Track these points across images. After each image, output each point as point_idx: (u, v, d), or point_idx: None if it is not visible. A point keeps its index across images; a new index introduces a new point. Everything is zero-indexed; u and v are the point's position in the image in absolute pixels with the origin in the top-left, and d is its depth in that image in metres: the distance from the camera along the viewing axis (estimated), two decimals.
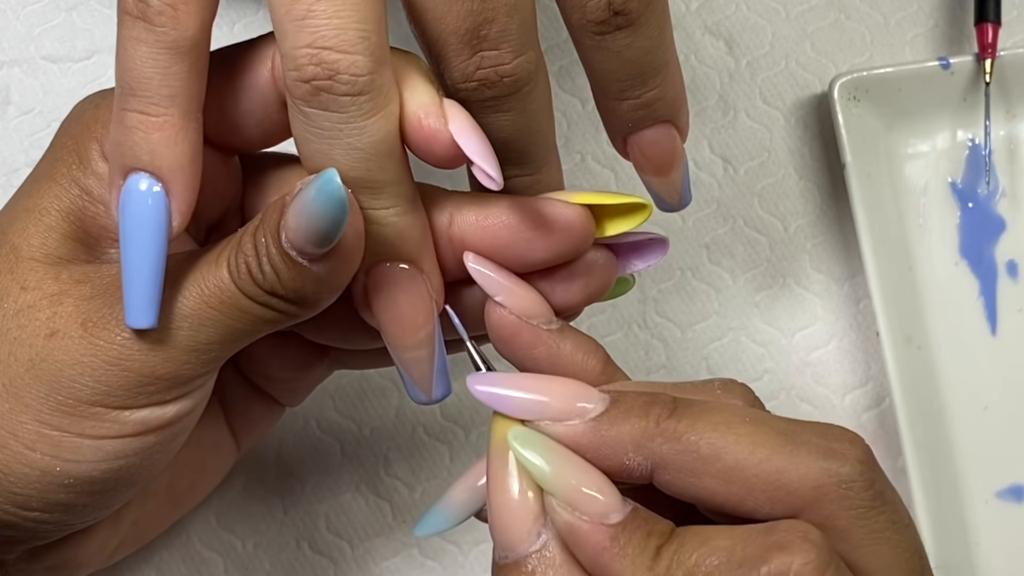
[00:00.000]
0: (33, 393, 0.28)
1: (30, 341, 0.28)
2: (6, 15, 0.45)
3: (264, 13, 0.45)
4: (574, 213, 0.29)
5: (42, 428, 0.28)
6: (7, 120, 0.44)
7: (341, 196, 0.26)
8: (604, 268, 0.31)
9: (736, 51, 0.45)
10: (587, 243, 0.30)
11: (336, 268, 0.27)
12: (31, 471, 0.28)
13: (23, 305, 0.28)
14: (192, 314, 0.28)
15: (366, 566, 0.41)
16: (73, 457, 0.28)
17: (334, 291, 0.28)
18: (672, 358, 0.43)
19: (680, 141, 0.32)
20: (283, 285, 0.27)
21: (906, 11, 0.46)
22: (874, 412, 0.42)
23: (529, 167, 0.31)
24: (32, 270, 0.29)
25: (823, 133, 0.45)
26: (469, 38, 0.28)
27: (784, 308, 0.43)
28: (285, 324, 0.28)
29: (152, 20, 0.27)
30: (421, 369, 0.30)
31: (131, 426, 0.28)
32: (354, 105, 0.26)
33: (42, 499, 0.28)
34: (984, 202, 0.44)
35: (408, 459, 0.42)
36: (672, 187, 0.33)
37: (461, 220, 0.30)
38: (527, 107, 0.29)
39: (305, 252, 0.26)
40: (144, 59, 0.27)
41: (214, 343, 0.28)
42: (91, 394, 0.28)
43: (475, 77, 0.29)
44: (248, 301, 0.27)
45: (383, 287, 0.29)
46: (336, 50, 0.26)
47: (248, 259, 0.27)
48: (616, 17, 0.29)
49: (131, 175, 0.27)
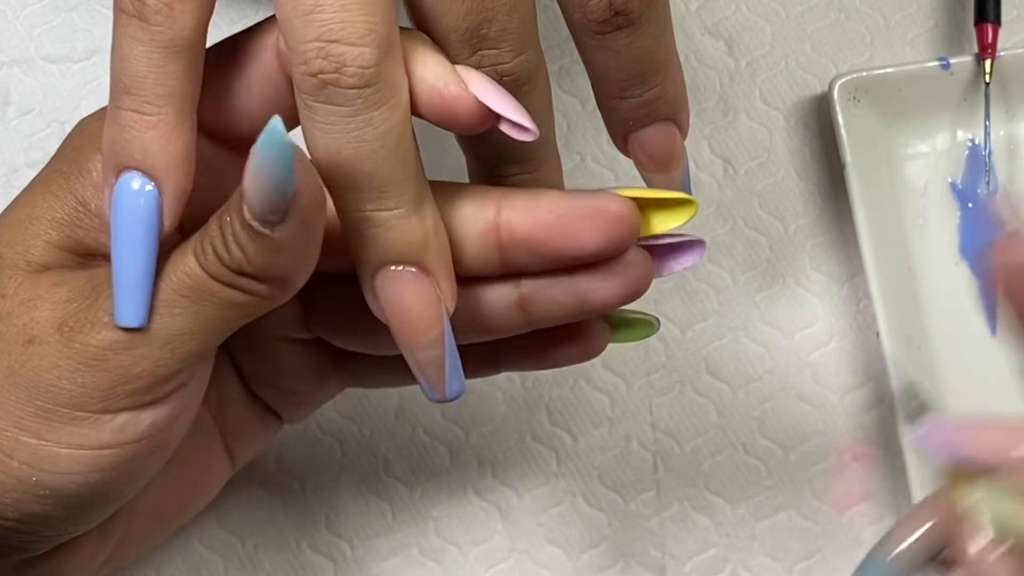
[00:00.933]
0: (12, 400, 0.28)
1: (8, 349, 0.28)
2: (6, 15, 0.45)
3: (264, 13, 0.45)
4: (623, 204, 0.29)
5: (20, 435, 0.28)
6: (7, 120, 0.44)
7: (283, 142, 0.25)
8: (642, 268, 0.31)
9: (736, 52, 0.45)
10: (633, 237, 0.30)
11: (297, 234, 0.27)
12: (7, 479, 0.28)
13: (2, 313, 0.28)
14: (162, 304, 0.27)
15: (366, 566, 0.41)
16: (49, 468, 0.28)
17: (300, 264, 0.28)
18: (672, 358, 0.43)
19: (681, 139, 0.32)
20: (249, 262, 0.27)
21: (906, 11, 0.46)
22: (874, 412, 0.42)
23: (529, 165, 0.31)
24: (11, 277, 0.29)
25: (823, 133, 0.45)
26: (469, 37, 0.28)
27: (784, 308, 0.43)
28: (260, 309, 0.28)
29: (148, 19, 0.26)
30: (433, 369, 0.30)
31: (108, 434, 0.28)
32: (360, 98, 0.26)
33: (17, 508, 0.28)
34: (984, 202, 0.44)
35: (408, 459, 0.42)
36: (673, 184, 0.33)
37: (509, 207, 0.30)
38: (527, 105, 0.29)
39: (265, 219, 0.26)
40: (139, 57, 0.27)
41: (187, 334, 0.28)
42: (69, 398, 0.28)
43: None
44: (217, 284, 0.27)
45: (390, 290, 0.29)
46: (343, 42, 0.26)
47: (214, 240, 0.27)
48: (617, 17, 0.29)
49: (124, 174, 0.27)
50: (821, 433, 0.42)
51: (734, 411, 0.42)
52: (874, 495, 0.42)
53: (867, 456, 0.42)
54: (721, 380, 0.43)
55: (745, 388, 0.43)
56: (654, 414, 0.42)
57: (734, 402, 0.42)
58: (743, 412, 0.42)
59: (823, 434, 0.42)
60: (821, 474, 0.42)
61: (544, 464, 0.42)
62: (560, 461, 0.42)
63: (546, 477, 0.42)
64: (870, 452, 0.42)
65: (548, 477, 0.42)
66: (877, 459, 0.42)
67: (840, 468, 0.42)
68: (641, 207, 0.30)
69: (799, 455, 0.42)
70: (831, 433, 0.42)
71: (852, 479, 0.42)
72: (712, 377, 0.43)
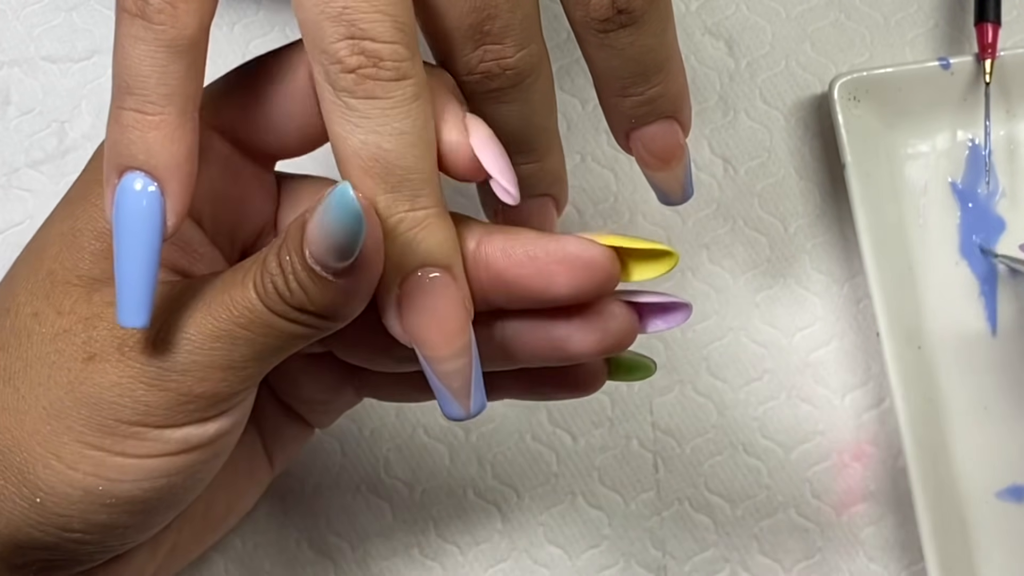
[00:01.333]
0: (74, 415, 0.28)
1: (68, 365, 0.28)
2: (6, 15, 0.45)
3: (264, 13, 0.45)
4: (599, 252, 0.29)
5: (84, 449, 0.28)
6: (7, 120, 0.44)
7: (356, 208, 0.25)
8: (622, 322, 0.30)
9: (736, 51, 0.45)
10: (611, 284, 0.30)
11: (361, 278, 0.27)
12: (73, 491, 0.28)
13: (59, 330, 0.28)
14: (224, 335, 0.27)
15: (366, 566, 0.41)
16: (116, 476, 0.28)
17: (362, 300, 0.28)
18: (672, 358, 0.43)
19: (683, 136, 0.32)
20: (311, 301, 0.27)
21: (906, 11, 0.46)
22: (874, 412, 0.42)
23: (533, 155, 0.32)
24: (67, 294, 0.29)
25: (823, 133, 0.45)
26: (472, 32, 0.29)
27: (784, 308, 0.43)
28: (317, 336, 0.28)
29: (151, 18, 0.26)
30: (460, 380, 0.29)
31: (173, 444, 0.28)
32: (399, 89, 0.27)
33: (83, 519, 0.28)
34: (984, 202, 0.44)
35: (408, 459, 0.42)
36: (675, 181, 0.33)
37: (489, 244, 0.29)
38: (530, 98, 0.30)
39: (329, 267, 0.26)
40: (142, 57, 0.27)
41: (248, 360, 0.28)
42: (131, 414, 0.28)
43: (478, 70, 0.29)
44: (278, 319, 0.27)
45: (419, 296, 0.28)
46: (377, 40, 0.26)
47: (275, 278, 0.27)
48: (620, 15, 0.29)
49: (126, 174, 0.27)
50: (821, 433, 0.42)
51: (734, 411, 0.42)
52: (874, 495, 0.42)
53: (867, 456, 0.42)
54: (721, 380, 0.43)
55: (745, 388, 0.43)
56: (654, 414, 0.42)
57: (734, 402, 0.42)
58: (743, 412, 0.42)
59: (823, 434, 0.42)
60: (821, 474, 0.42)
61: (544, 464, 0.42)
62: (560, 461, 0.42)
63: (546, 477, 0.42)
64: (870, 452, 0.42)
65: (548, 477, 0.42)
66: (877, 459, 0.42)
67: (840, 468, 0.42)
68: (621, 256, 0.30)
69: (799, 455, 0.42)
70: (831, 433, 0.42)
71: (852, 479, 0.42)
72: (712, 377, 0.43)
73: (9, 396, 0.28)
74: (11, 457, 0.28)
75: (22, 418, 0.28)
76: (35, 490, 0.28)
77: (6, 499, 0.28)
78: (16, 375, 0.29)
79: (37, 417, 0.28)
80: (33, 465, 0.28)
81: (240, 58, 0.45)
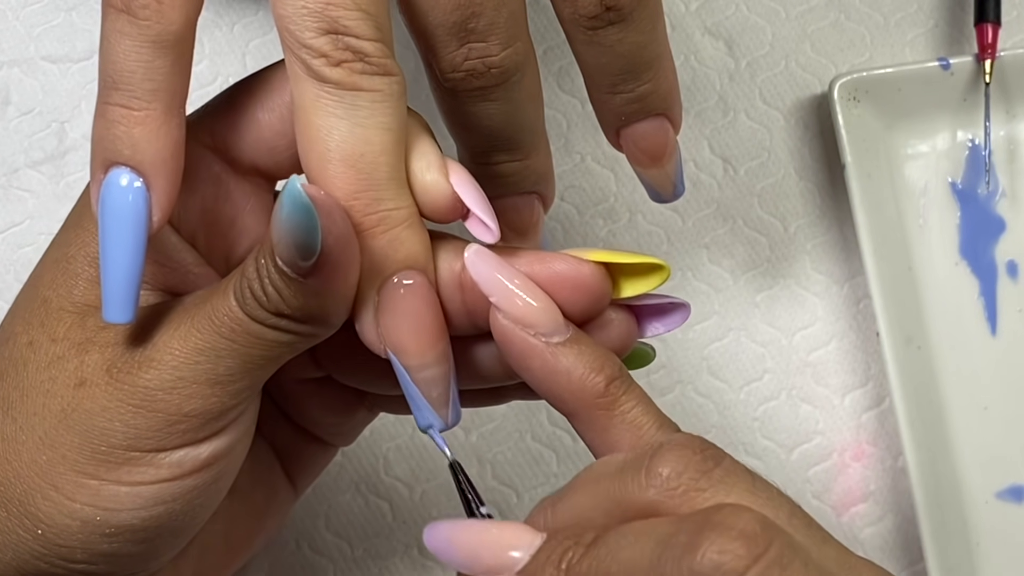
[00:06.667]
0: (68, 443, 0.28)
1: (60, 392, 0.28)
2: (6, 15, 0.45)
3: (264, 13, 0.45)
4: (588, 270, 0.29)
5: (80, 478, 0.28)
6: (7, 120, 0.44)
7: (304, 201, 0.25)
8: (620, 327, 0.30)
9: (736, 52, 0.45)
10: (602, 302, 0.29)
11: (330, 277, 0.26)
12: (72, 522, 0.28)
13: (53, 357, 0.28)
14: (207, 347, 0.27)
15: (366, 566, 0.41)
16: (112, 505, 0.28)
17: (340, 302, 0.27)
18: (672, 358, 0.43)
19: (673, 133, 0.32)
20: (287, 304, 0.26)
21: (906, 11, 0.46)
22: (874, 412, 0.42)
23: (518, 153, 0.31)
24: (60, 321, 0.29)
25: (823, 133, 0.45)
26: (457, 30, 0.29)
27: (784, 308, 0.43)
28: (304, 344, 0.28)
29: (136, 13, 0.26)
30: (440, 387, 0.28)
31: (167, 469, 0.28)
32: (387, 84, 0.27)
33: (86, 550, 0.28)
34: (984, 202, 0.44)
35: (408, 459, 0.42)
36: (665, 178, 0.33)
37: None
38: (514, 96, 0.30)
39: (296, 266, 0.26)
40: (127, 52, 0.26)
41: (235, 373, 0.27)
42: (123, 439, 0.27)
43: (463, 68, 0.29)
44: (258, 326, 0.27)
45: (396, 301, 0.28)
46: (360, 37, 0.26)
47: (251, 283, 0.27)
48: (608, 12, 0.29)
49: (112, 169, 0.27)
50: (821, 433, 0.42)
51: (734, 411, 0.42)
52: (874, 495, 0.42)
53: (867, 456, 0.42)
54: (721, 380, 0.43)
55: (745, 388, 0.43)
56: None
57: (734, 402, 0.42)
58: (743, 412, 0.42)
59: (823, 434, 0.42)
60: (821, 474, 0.42)
61: (544, 464, 0.42)
62: (560, 461, 0.42)
63: (546, 477, 0.42)
64: (870, 452, 0.42)
65: (548, 477, 0.42)
66: (877, 459, 0.42)
67: (840, 468, 0.42)
68: (612, 271, 0.29)
69: (799, 455, 0.42)
70: (831, 433, 0.42)
71: (852, 479, 0.42)
72: (712, 377, 0.43)
73: (8, 426, 0.28)
74: (12, 489, 0.28)
75: (20, 448, 0.28)
76: (36, 522, 0.28)
77: (10, 531, 0.28)
78: (14, 405, 0.28)
79: (34, 447, 0.28)
80: (32, 496, 0.28)
81: (240, 58, 0.45)
